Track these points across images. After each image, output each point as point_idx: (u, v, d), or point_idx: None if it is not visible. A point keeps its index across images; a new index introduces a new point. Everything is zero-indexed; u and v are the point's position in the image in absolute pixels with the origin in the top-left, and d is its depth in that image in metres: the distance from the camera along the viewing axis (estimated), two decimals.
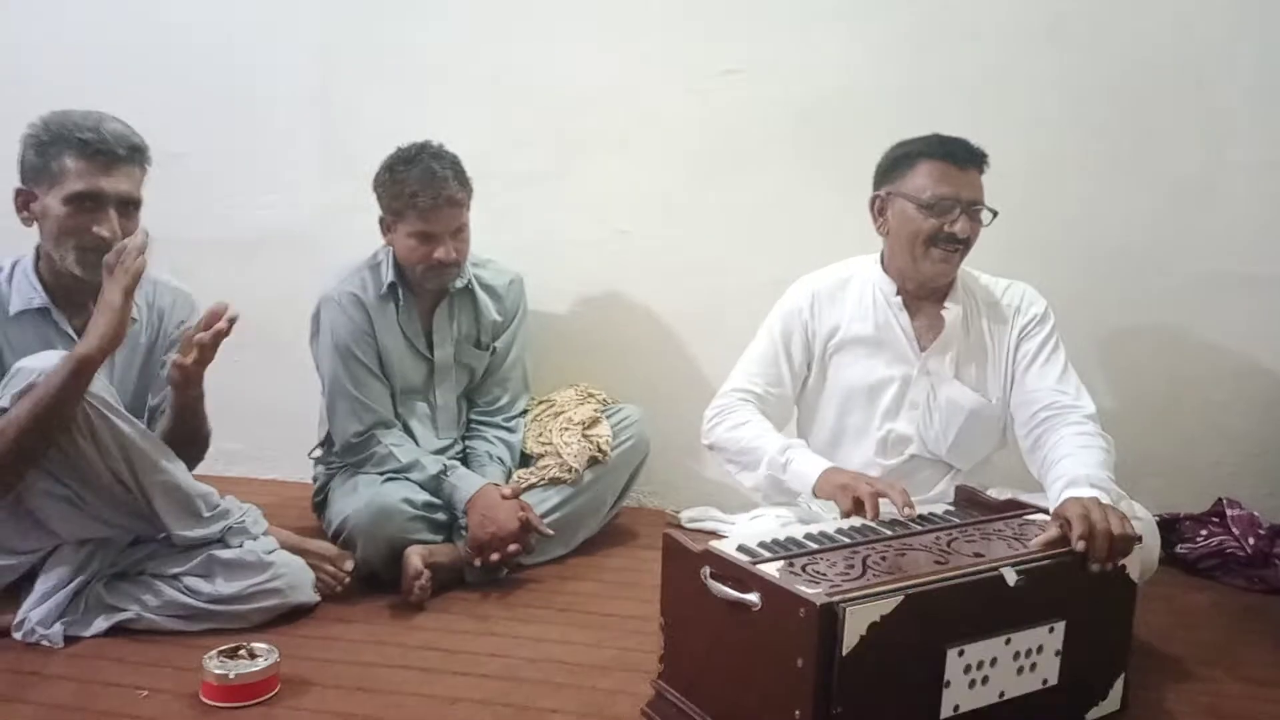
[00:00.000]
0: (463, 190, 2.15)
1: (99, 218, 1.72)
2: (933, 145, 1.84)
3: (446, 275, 2.20)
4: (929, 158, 1.83)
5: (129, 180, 1.76)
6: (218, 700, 1.57)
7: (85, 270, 1.75)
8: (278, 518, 2.14)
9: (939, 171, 1.82)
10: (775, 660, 1.29)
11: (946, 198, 1.81)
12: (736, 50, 2.49)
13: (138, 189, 1.78)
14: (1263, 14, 2.28)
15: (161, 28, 2.74)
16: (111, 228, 1.73)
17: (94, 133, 1.71)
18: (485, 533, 2.05)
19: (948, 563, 1.40)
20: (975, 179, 1.84)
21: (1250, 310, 2.39)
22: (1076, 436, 1.74)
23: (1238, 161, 2.34)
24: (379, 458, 2.17)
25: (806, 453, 1.83)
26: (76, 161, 1.70)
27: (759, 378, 1.96)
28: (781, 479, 1.82)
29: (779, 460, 1.82)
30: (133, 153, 1.76)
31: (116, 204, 1.74)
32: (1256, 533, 2.27)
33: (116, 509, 1.77)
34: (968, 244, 1.84)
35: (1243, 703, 1.69)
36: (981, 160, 1.85)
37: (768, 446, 1.84)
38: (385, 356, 2.23)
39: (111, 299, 1.67)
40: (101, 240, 1.72)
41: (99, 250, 1.72)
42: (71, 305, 1.81)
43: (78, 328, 1.80)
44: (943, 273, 1.86)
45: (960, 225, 1.81)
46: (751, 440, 1.87)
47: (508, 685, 1.68)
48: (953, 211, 1.81)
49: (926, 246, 1.83)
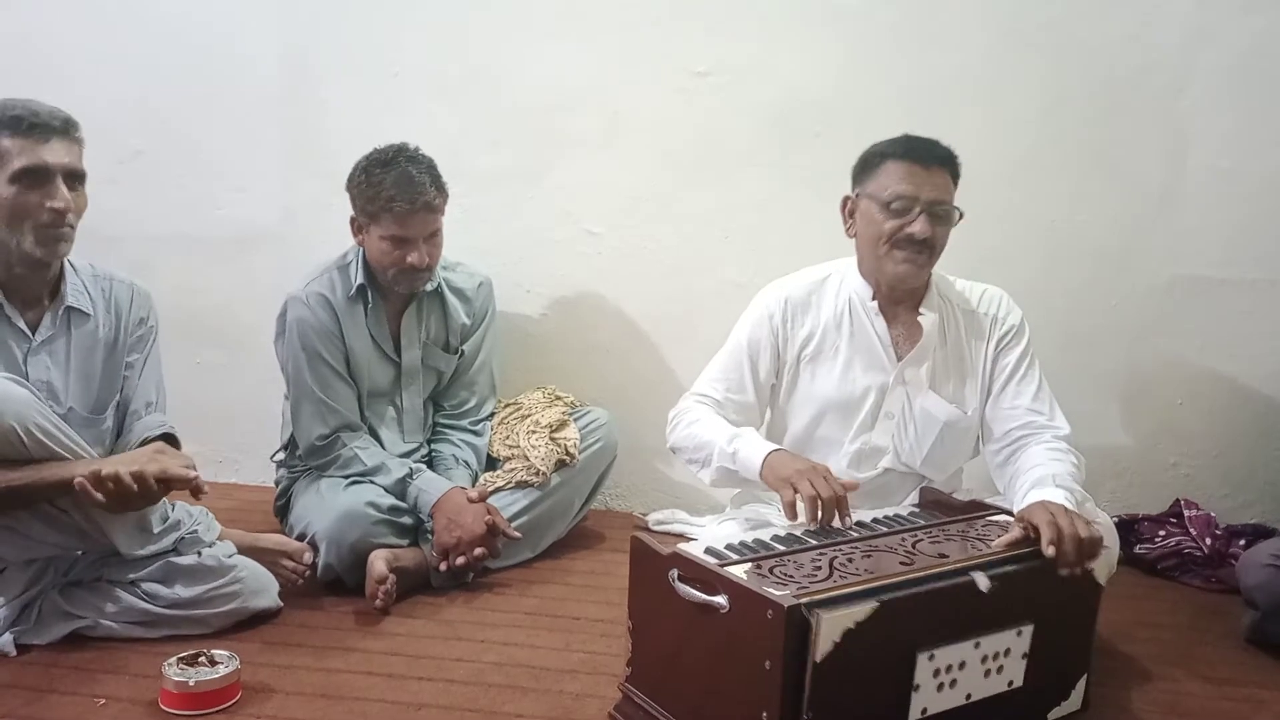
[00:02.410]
0: (439, 196, 2.13)
1: (49, 191, 1.67)
2: (898, 145, 1.82)
3: (418, 280, 2.18)
4: (893, 158, 1.80)
5: (69, 152, 1.71)
6: (177, 708, 1.54)
7: (44, 249, 1.70)
8: (240, 523, 2.11)
9: (902, 171, 1.79)
10: (743, 662, 1.29)
11: (905, 196, 1.77)
12: (711, 52, 2.50)
13: (79, 161, 1.73)
14: (1225, 22, 2.33)
15: (124, 21, 2.69)
16: (64, 198, 1.68)
17: (24, 109, 1.67)
18: (451, 537, 2.03)
19: (914, 563, 1.41)
20: (940, 179, 1.79)
21: (1210, 314, 2.44)
22: (1048, 451, 1.74)
23: (1200, 168, 2.39)
24: (344, 460, 2.15)
25: (753, 437, 1.79)
26: (13, 140, 1.66)
27: (720, 383, 1.93)
28: (733, 469, 1.78)
29: (727, 451, 1.78)
30: (66, 125, 1.71)
31: (64, 176, 1.69)
32: (1213, 533, 2.31)
33: (62, 531, 1.71)
34: (931, 245, 1.79)
35: (1202, 701, 1.72)
36: (949, 161, 1.81)
37: (716, 439, 1.81)
38: (353, 359, 2.20)
39: (148, 467, 1.65)
40: (56, 213, 1.67)
41: (56, 225, 1.68)
42: (24, 300, 1.76)
43: (31, 323, 1.76)
44: (908, 274, 1.81)
45: (919, 226, 1.77)
46: (703, 435, 1.84)
47: (474, 690, 1.66)
48: (911, 211, 1.78)
49: (889, 247, 1.80)
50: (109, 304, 1.87)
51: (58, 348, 1.79)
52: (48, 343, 1.78)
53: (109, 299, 1.87)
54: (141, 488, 1.63)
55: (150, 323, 1.93)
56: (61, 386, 1.78)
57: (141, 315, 1.91)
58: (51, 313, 1.78)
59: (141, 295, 1.93)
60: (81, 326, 1.82)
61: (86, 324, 1.82)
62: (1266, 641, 1.91)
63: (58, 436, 1.65)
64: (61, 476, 1.62)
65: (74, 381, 1.80)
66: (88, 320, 1.82)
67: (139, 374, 1.90)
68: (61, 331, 1.80)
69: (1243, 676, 1.82)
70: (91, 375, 1.84)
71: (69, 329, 1.81)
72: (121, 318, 1.88)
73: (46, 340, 1.78)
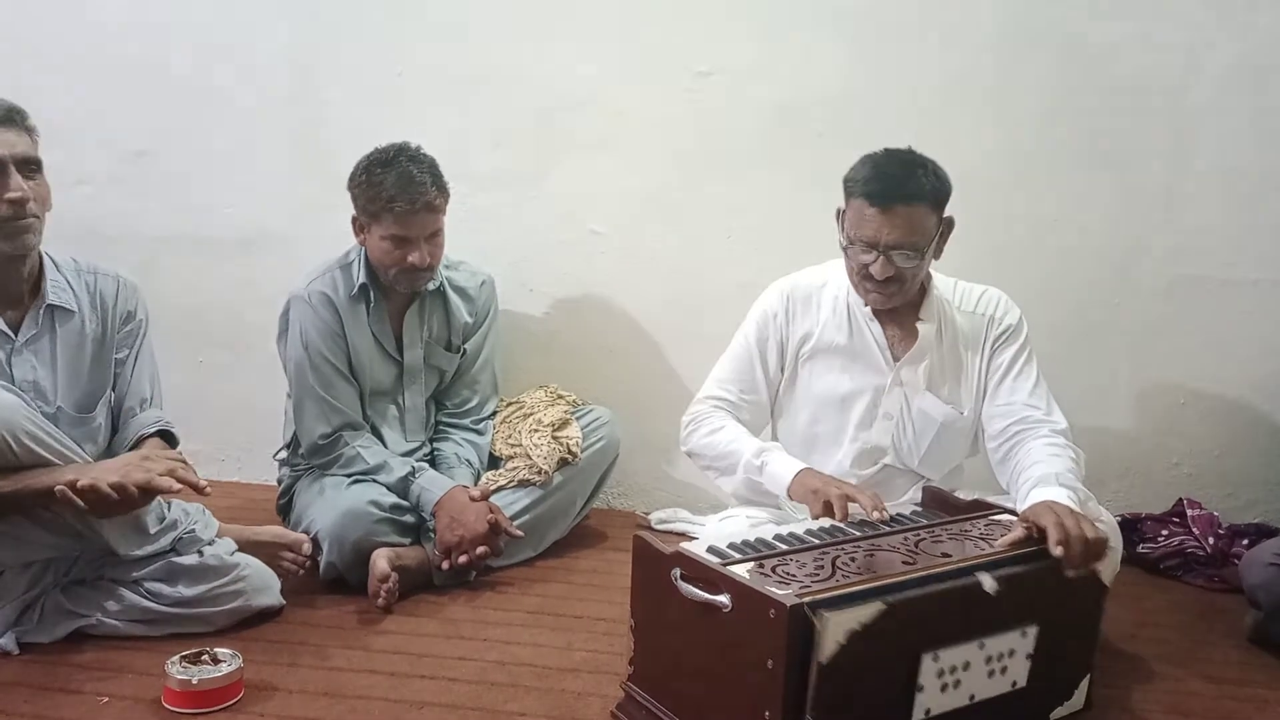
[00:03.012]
0: (440, 196, 2.13)
1: (3, 183, 1.65)
2: (862, 181, 1.74)
3: (419, 279, 2.19)
4: (858, 195, 1.76)
5: (21, 140, 1.68)
6: (181, 706, 1.54)
7: (8, 243, 1.67)
8: (242, 521, 2.11)
9: (862, 212, 1.74)
10: (746, 661, 1.29)
11: (864, 240, 1.75)
12: (714, 52, 2.50)
13: (34, 149, 1.71)
14: (1228, 22, 2.33)
15: (126, 23, 2.69)
16: (19, 186, 1.65)
17: None
18: (454, 535, 2.03)
19: (916, 563, 1.41)
20: (902, 219, 1.71)
21: (1213, 314, 2.44)
22: (1047, 447, 1.74)
23: (1203, 168, 2.39)
24: (346, 459, 2.15)
25: (782, 455, 1.83)
26: None
27: (733, 385, 1.95)
28: (758, 481, 1.82)
29: (754, 464, 1.82)
30: (12, 113, 1.68)
31: (18, 165, 1.66)
32: (1216, 533, 2.31)
33: (57, 534, 1.70)
34: (898, 280, 1.76)
35: (1204, 700, 1.72)
36: (917, 196, 1.72)
37: (743, 450, 1.84)
38: (355, 358, 2.21)
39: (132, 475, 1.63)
40: (14, 204, 1.65)
41: (16, 217, 1.66)
42: (3, 300, 1.74)
43: (13, 323, 1.74)
44: (878, 303, 1.83)
45: (877, 268, 1.74)
46: (727, 445, 1.87)
47: (476, 689, 1.66)
48: (871, 253, 1.75)
49: (859, 279, 1.81)
50: (94, 299, 1.84)
51: (43, 346, 1.77)
52: (31, 342, 1.75)
53: (94, 293, 1.84)
54: (123, 496, 1.61)
55: (139, 316, 1.90)
56: (49, 386, 1.77)
57: (129, 309, 1.88)
58: (33, 312, 1.76)
59: (128, 288, 1.89)
60: (66, 324, 1.79)
61: (71, 321, 1.80)
62: (1269, 641, 1.91)
63: (47, 442, 1.63)
64: (45, 484, 1.60)
65: (62, 380, 1.78)
66: (72, 317, 1.80)
67: (130, 369, 1.88)
68: (46, 330, 1.77)
69: (1245, 676, 1.81)
70: (80, 373, 1.81)
71: (53, 327, 1.78)
72: (108, 312, 1.85)
73: (30, 340, 1.75)
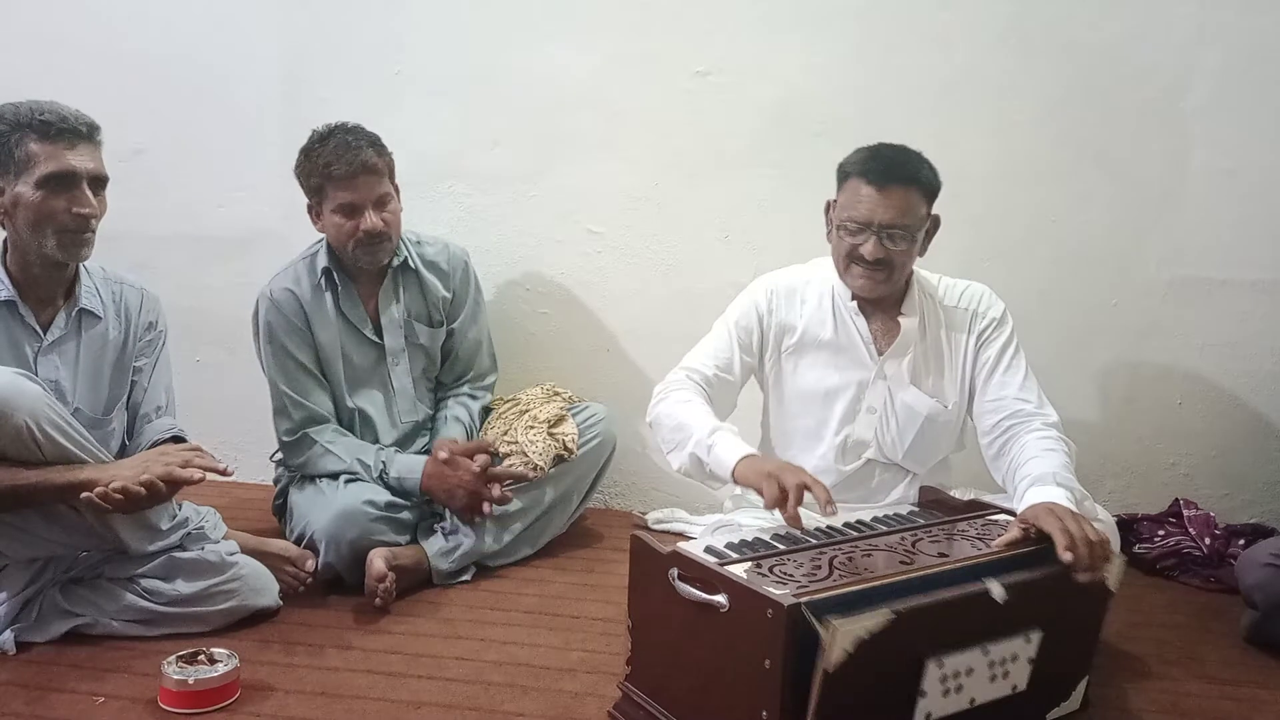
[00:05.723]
0: (379, 158, 2.12)
1: (75, 196, 1.70)
2: (860, 162, 1.78)
3: (379, 250, 2.16)
4: (854, 175, 1.78)
5: (94, 158, 1.74)
6: (177, 706, 1.54)
7: (66, 253, 1.73)
8: (238, 521, 2.12)
9: (858, 191, 1.76)
10: (743, 661, 1.29)
11: (857, 220, 1.76)
12: (712, 52, 2.50)
13: (103, 166, 1.76)
14: (1227, 23, 2.33)
15: (123, 20, 2.69)
16: (89, 203, 1.71)
17: (53, 114, 1.69)
18: (457, 500, 2.04)
19: (913, 563, 1.41)
20: (898, 200, 1.74)
21: (1210, 314, 2.44)
22: (1040, 441, 1.74)
23: (1202, 169, 2.39)
24: (316, 459, 2.15)
25: (732, 438, 1.75)
26: (41, 145, 1.68)
27: (711, 359, 1.93)
28: (704, 461, 1.74)
29: (705, 442, 1.74)
30: (92, 130, 1.74)
31: (89, 181, 1.72)
32: (1212, 533, 2.31)
33: (67, 530, 1.72)
34: (887, 264, 1.78)
35: (1201, 701, 1.72)
36: (913, 179, 1.75)
37: (697, 427, 1.77)
38: (326, 349, 2.20)
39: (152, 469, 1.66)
40: (82, 219, 1.71)
41: (80, 230, 1.71)
42: (38, 299, 1.78)
43: (44, 322, 1.78)
44: (866, 289, 1.83)
45: (869, 248, 1.75)
46: (685, 418, 1.80)
47: (473, 689, 1.66)
48: (863, 234, 1.76)
49: (847, 263, 1.82)
50: (119, 307, 1.89)
51: (68, 348, 1.80)
52: (58, 343, 1.79)
53: (119, 302, 1.90)
54: (150, 491, 1.65)
55: (160, 327, 1.96)
56: (69, 386, 1.80)
57: (151, 320, 1.93)
58: (64, 313, 1.80)
59: (151, 300, 1.95)
60: (92, 328, 1.83)
61: (97, 326, 1.84)
62: (1266, 641, 1.91)
63: (71, 434, 1.66)
64: (70, 480, 1.63)
65: (82, 382, 1.81)
66: (98, 322, 1.84)
67: (148, 378, 1.92)
68: (72, 332, 1.81)
69: (1242, 676, 1.82)
70: (99, 377, 1.85)
71: (80, 330, 1.82)
72: (131, 321, 1.90)
73: (57, 340, 1.79)
